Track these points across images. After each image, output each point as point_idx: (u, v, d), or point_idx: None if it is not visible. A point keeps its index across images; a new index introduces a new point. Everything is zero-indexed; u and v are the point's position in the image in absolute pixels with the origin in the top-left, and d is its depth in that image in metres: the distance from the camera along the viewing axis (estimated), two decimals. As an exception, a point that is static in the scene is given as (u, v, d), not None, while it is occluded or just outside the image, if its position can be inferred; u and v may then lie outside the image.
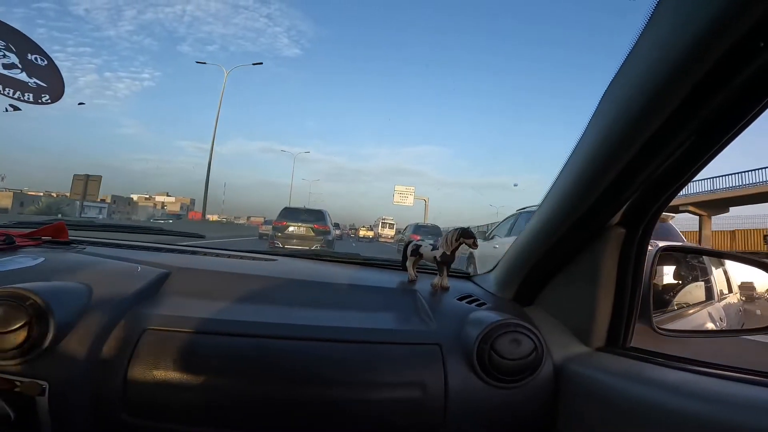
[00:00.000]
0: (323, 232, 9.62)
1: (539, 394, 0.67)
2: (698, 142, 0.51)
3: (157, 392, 0.60)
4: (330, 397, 0.62)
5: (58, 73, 0.82)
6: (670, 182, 0.59)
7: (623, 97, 0.51)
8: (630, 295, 0.68)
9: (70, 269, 0.76)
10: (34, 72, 0.78)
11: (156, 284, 0.76)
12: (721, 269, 0.98)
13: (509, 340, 0.65)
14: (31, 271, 0.74)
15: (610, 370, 0.62)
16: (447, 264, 0.87)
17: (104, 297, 0.67)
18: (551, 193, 0.71)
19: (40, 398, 0.57)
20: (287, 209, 10.31)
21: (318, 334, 0.67)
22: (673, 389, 0.52)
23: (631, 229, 0.67)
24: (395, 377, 0.65)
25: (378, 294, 0.85)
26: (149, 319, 0.65)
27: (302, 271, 0.95)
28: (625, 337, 0.69)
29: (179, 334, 0.64)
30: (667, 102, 0.45)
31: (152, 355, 0.62)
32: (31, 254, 0.83)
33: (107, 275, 0.75)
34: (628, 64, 0.51)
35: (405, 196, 39.00)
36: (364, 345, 0.67)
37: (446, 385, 0.64)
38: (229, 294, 0.78)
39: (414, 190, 39.49)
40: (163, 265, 0.82)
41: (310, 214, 10.25)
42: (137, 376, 0.60)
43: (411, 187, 39.65)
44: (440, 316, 0.76)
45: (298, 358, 0.64)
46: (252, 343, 0.65)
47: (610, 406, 0.56)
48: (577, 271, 0.74)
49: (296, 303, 0.78)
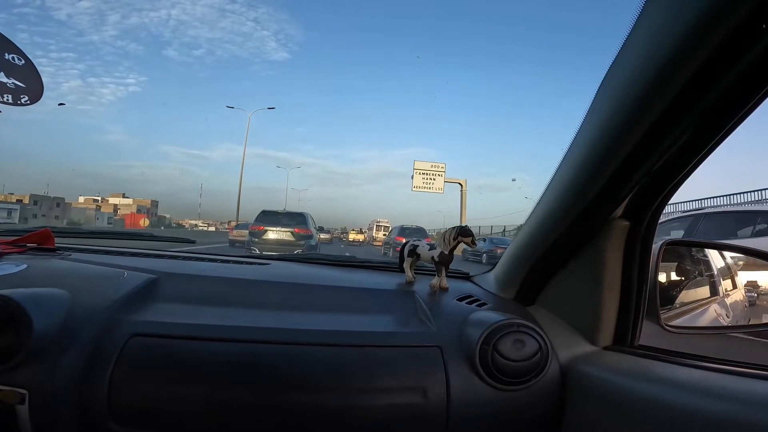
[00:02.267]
0: (304, 237, 8.96)
1: (545, 396, 0.64)
2: (700, 130, 0.49)
3: (145, 400, 0.58)
4: (326, 403, 0.60)
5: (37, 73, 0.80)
6: (674, 173, 0.57)
7: (621, 88, 0.50)
8: (637, 291, 0.66)
9: (54, 276, 0.73)
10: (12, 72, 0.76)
11: (143, 290, 0.73)
12: (724, 263, 0.97)
13: (512, 341, 0.63)
14: (13, 278, 0.71)
15: (620, 368, 0.60)
16: (445, 264, 0.85)
17: (88, 303, 0.65)
18: (550, 188, 0.69)
19: (20, 407, 0.55)
20: (265, 212, 9.57)
21: (313, 338, 0.65)
22: (687, 387, 0.50)
23: (635, 222, 0.65)
24: (394, 382, 0.62)
25: (375, 296, 0.83)
26: (135, 325, 0.63)
27: (296, 274, 0.92)
28: (633, 334, 0.66)
29: (167, 341, 0.62)
30: (667, 91, 0.44)
31: (138, 362, 0.59)
32: (14, 261, 0.80)
33: (91, 281, 0.72)
34: (624, 54, 0.49)
35: (431, 177, 23.72)
36: (362, 349, 0.65)
37: (448, 389, 0.62)
38: (220, 299, 0.75)
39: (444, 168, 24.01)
40: (151, 271, 0.80)
41: (290, 217, 9.58)
42: (123, 384, 0.58)
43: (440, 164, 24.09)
44: (440, 317, 0.74)
45: (292, 364, 0.61)
46: (244, 348, 0.62)
47: (621, 406, 0.54)
48: (580, 268, 0.72)
49: (290, 307, 0.75)
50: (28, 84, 0.78)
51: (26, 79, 0.78)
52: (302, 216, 9.78)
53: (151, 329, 0.63)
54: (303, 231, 9.06)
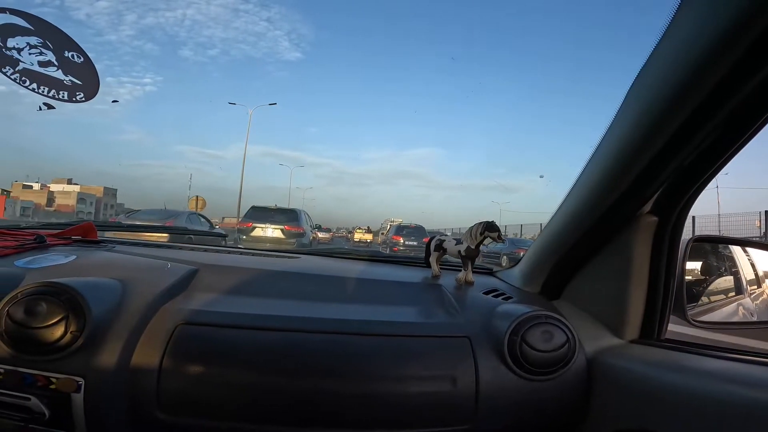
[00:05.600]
0: (296, 235, 8.46)
1: (572, 387, 0.66)
2: (731, 127, 0.50)
3: (191, 388, 0.60)
4: (359, 390, 0.62)
5: (94, 70, 0.83)
6: (704, 168, 0.58)
7: (653, 87, 0.51)
8: (664, 286, 0.67)
9: (102, 266, 0.76)
10: (70, 70, 0.80)
11: (186, 281, 0.76)
12: (747, 260, 0.96)
13: (541, 332, 0.65)
14: (64, 268, 0.75)
15: (648, 360, 0.61)
16: (471, 258, 0.87)
17: (137, 293, 0.68)
18: (578, 183, 0.70)
19: (75, 395, 0.56)
20: (255, 208, 9.01)
21: (346, 328, 0.67)
22: (717, 377, 0.51)
23: (664, 217, 0.66)
24: (424, 370, 0.64)
25: (403, 289, 0.85)
26: (181, 314, 0.65)
27: (325, 267, 0.95)
28: (660, 328, 0.68)
29: (211, 329, 0.64)
30: (699, 90, 0.45)
31: (185, 350, 0.62)
32: (62, 252, 0.84)
33: (138, 272, 0.75)
34: (658, 53, 0.50)
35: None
36: (393, 338, 0.67)
37: (477, 378, 0.64)
38: (257, 290, 0.78)
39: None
40: (191, 263, 0.83)
41: (282, 214, 8.94)
42: (171, 372, 0.60)
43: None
44: (467, 309, 0.76)
45: (327, 352, 0.64)
46: (283, 337, 0.65)
47: (650, 396, 0.55)
48: (606, 263, 0.73)
49: (322, 298, 0.78)
50: (85, 81, 0.81)
51: (83, 76, 0.81)
52: (294, 212, 9.22)
53: (197, 318, 0.65)
54: (294, 228, 8.57)
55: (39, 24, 0.79)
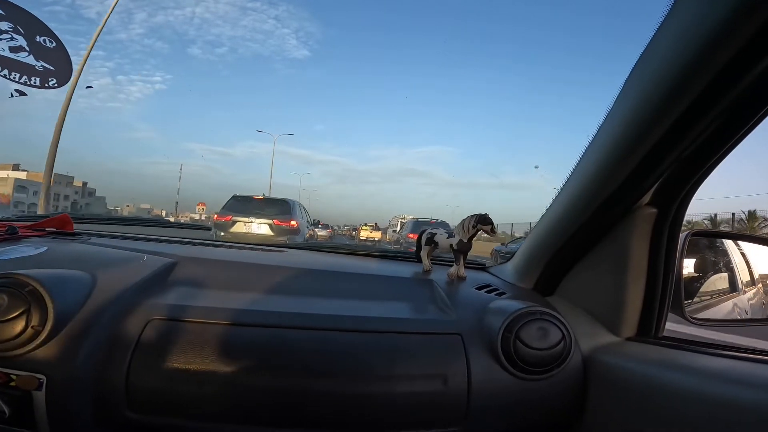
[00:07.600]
0: (288, 231, 6.62)
1: (567, 386, 0.64)
2: (732, 118, 0.48)
3: (162, 385, 0.57)
4: (348, 389, 0.59)
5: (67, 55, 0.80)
6: (705, 159, 0.56)
7: (652, 77, 0.49)
8: (663, 282, 0.65)
9: (74, 259, 0.73)
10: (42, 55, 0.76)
11: (162, 274, 0.73)
12: (746, 255, 0.95)
13: (536, 329, 0.62)
14: (33, 260, 0.71)
15: (645, 359, 0.59)
16: (464, 252, 0.84)
17: (108, 286, 0.64)
18: (574, 175, 0.68)
19: (36, 393, 0.54)
20: (236, 198, 7.06)
21: (333, 324, 0.64)
22: (716, 376, 0.49)
23: (663, 209, 0.64)
24: (415, 368, 0.62)
25: (393, 284, 0.82)
26: (155, 308, 0.62)
27: (313, 262, 0.92)
28: (658, 325, 0.65)
29: (186, 324, 0.61)
30: (699, 80, 0.43)
31: (157, 345, 0.58)
32: (34, 244, 0.80)
33: (111, 264, 0.72)
34: (656, 43, 0.48)
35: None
36: (381, 335, 0.64)
37: (469, 377, 0.61)
38: (239, 284, 0.75)
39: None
40: (170, 255, 0.80)
41: (270, 205, 6.99)
42: (141, 370, 0.57)
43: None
44: (459, 305, 0.73)
45: (312, 349, 0.61)
46: (264, 333, 0.62)
47: (647, 396, 0.53)
48: (602, 257, 0.70)
49: (309, 293, 0.75)
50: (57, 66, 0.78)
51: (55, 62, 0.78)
52: (286, 204, 7.15)
53: (171, 312, 0.62)
54: (285, 223, 6.70)
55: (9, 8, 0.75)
